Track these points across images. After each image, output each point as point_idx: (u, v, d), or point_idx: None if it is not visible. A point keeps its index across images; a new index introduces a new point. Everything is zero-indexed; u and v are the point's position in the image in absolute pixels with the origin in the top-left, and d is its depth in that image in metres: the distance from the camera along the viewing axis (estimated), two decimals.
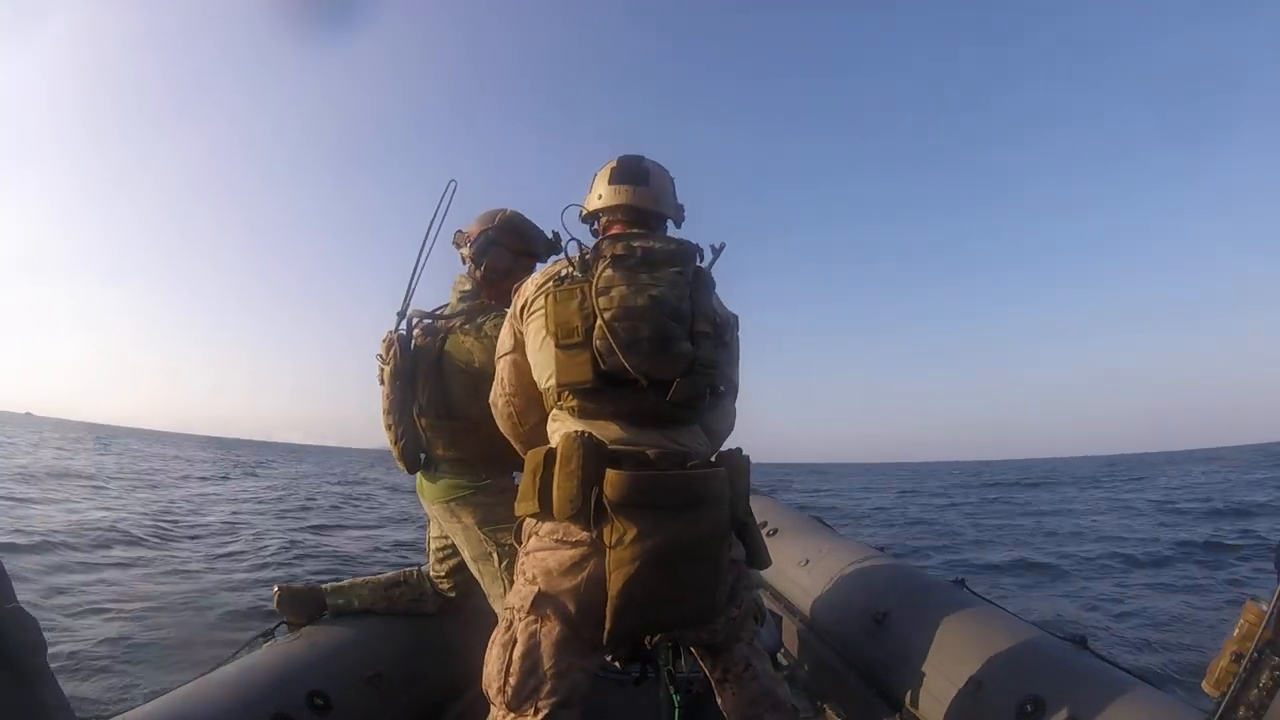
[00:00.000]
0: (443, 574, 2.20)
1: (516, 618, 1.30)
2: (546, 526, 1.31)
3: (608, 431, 1.32)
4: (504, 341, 1.55)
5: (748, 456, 1.45)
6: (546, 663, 1.25)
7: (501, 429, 1.62)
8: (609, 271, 1.33)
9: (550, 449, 1.31)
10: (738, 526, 1.38)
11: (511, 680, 1.25)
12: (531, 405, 1.50)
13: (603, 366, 1.29)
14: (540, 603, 1.27)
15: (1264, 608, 1.09)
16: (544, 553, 1.29)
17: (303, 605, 2.14)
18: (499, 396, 1.58)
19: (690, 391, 1.33)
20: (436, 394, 1.92)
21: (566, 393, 1.34)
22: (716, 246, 1.69)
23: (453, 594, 2.19)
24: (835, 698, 2.30)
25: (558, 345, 1.34)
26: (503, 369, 1.55)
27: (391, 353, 1.95)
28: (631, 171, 1.52)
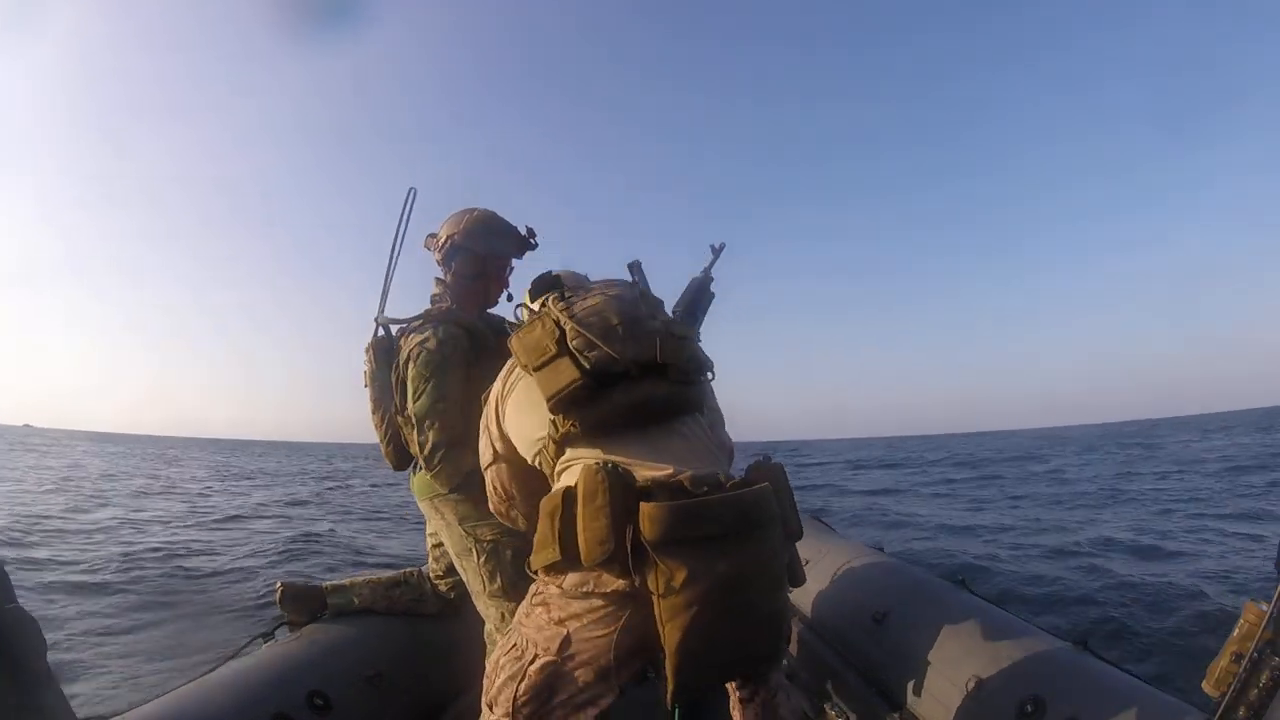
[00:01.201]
0: (440, 573, 2.21)
1: (538, 653, 1.19)
2: (572, 579, 1.15)
3: (622, 450, 1.21)
4: (484, 450, 1.50)
5: (780, 464, 1.37)
6: (563, 695, 1.18)
7: (512, 525, 1.58)
8: (559, 303, 1.35)
9: (568, 488, 1.16)
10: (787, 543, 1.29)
11: (524, 711, 1.19)
12: (532, 502, 1.39)
13: (586, 364, 1.23)
14: (566, 646, 1.16)
15: (1264, 608, 1.08)
16: (570, 599, 1.18)
17: (304, 603, 2.15)
18: (499, 503, 1.52)
19: (679, 354, 1.29)
20: (404, 395, 1.94)
21: (562, 416, 1.24)
22: (717, 246, 1.69)
23: (452, 594, 2.20)
24: (835, 698, 2.29)
25: (534, 370, 1.28)
26: (492, 478, 1.50)
27: (368, 356, 2.03)
28: (544, 285, 1.51)
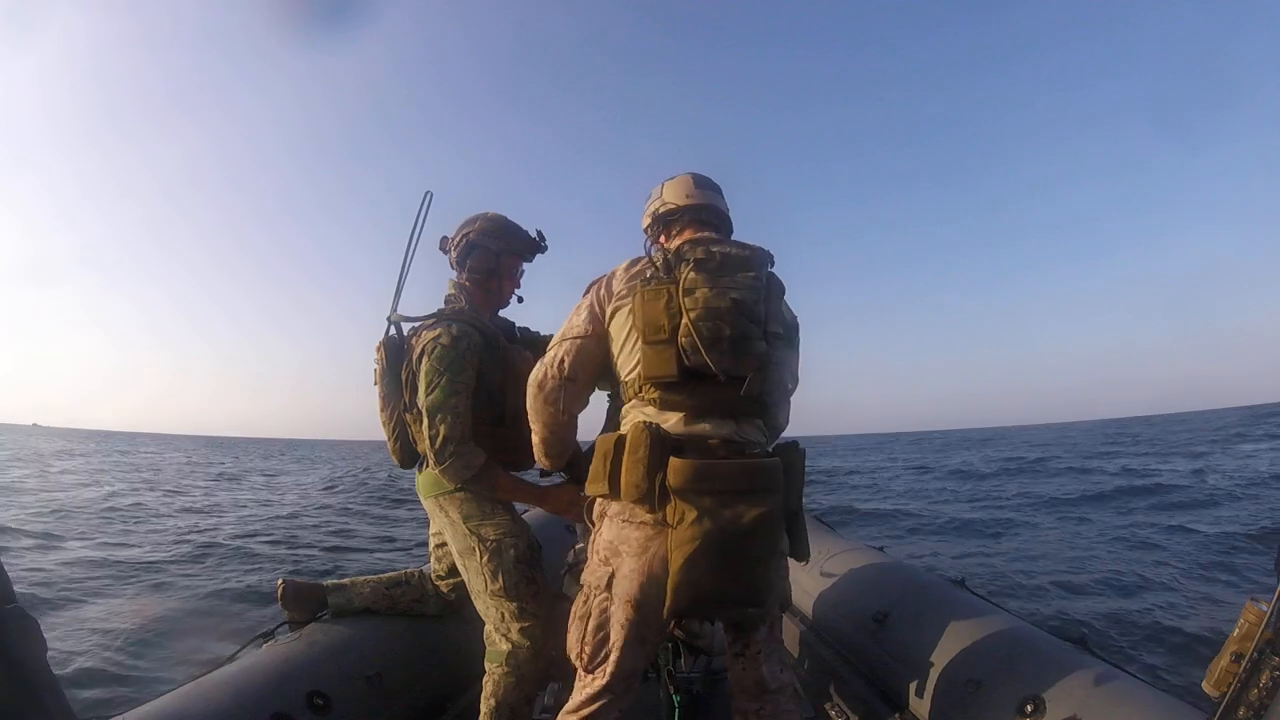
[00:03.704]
0: (441, 573, 2.21)
1: (593, 595, 1.46)
2: (615, 506, 1.44)
3: (679, 422, 1.43)
4: (577, 323, 1.56)
5: (803, 450, 1.56)
6: (614, 636, 1.41)
7: (532, 411, 1.63)
8: (693, 274, 1.43)
9: (620, 436, 1.43)
10: (789, 516, 1.50)
11: (587, 649, 1.43)
12: (582, 394, 1.60)
13: (686, 362, 1.40)
14: (611, 582, 1.42)
15: (1264, 608, 1.08)
16: (613, 534, 1.43)
17: (305, 601, 2.15)
18: (549, 379, 1.57)
19: (763, 386, 1.45)
20: (414, 391, 1.95)
21: (649, 385, 1.45)
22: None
23: (452, 595, 2.20)
24: (835, 698, 2.30)
25: (645, 341, 1.44)
26: (565, 351, 1.56)
27: (379, 355, 2.05)
28: (709, 182, 1.70)
